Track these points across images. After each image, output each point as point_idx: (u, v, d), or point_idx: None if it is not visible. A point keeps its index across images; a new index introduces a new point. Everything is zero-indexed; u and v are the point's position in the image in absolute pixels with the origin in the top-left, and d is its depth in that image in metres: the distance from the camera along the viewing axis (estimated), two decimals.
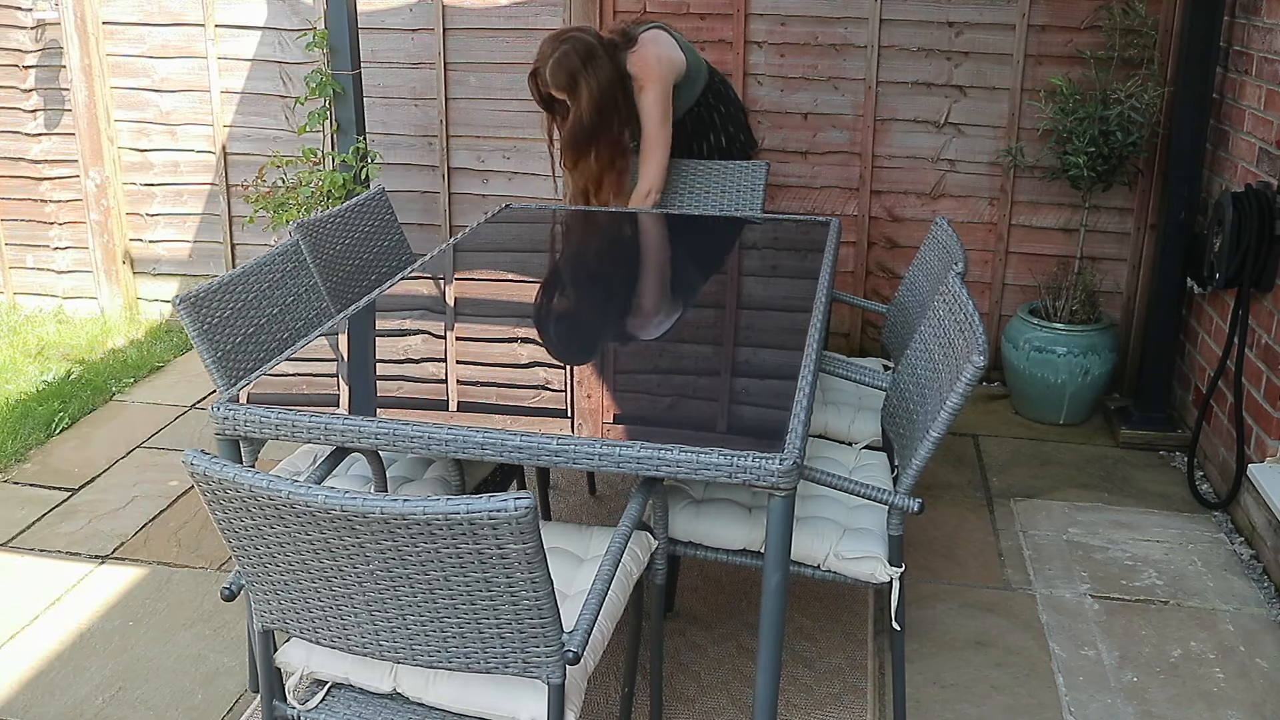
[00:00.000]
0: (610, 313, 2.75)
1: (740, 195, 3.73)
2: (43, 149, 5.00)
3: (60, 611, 2.89)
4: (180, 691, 2.57)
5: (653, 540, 2.20)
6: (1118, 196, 4.09)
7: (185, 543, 3.21)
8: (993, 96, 4.12)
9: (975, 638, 2.78)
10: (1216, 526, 3.31)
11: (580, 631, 1.69)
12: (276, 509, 1.58)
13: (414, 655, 1.70)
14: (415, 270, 2.94)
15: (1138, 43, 3.84)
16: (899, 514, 2.21)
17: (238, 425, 2.03)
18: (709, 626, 2.81)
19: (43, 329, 4.88)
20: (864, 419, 2.80)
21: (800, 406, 2.03)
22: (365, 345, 2.46)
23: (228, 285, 2.50)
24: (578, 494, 3.47)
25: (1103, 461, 3.76)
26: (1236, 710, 2.51)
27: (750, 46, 4.24)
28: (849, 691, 2.57)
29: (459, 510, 1.49)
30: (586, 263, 3.21)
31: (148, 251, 5.07)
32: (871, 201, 4.32)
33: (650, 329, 2.58)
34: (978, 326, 2.12)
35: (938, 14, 4.08)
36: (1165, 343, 3.86)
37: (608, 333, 2.60)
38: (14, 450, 3.75)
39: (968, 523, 3.34)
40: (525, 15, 4.41)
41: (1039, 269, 4.24)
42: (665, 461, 1.85)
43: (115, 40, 4.79)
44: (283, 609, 1.75)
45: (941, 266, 2.79)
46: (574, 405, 2.10)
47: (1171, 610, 2.90)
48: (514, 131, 4.56)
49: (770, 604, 1.94)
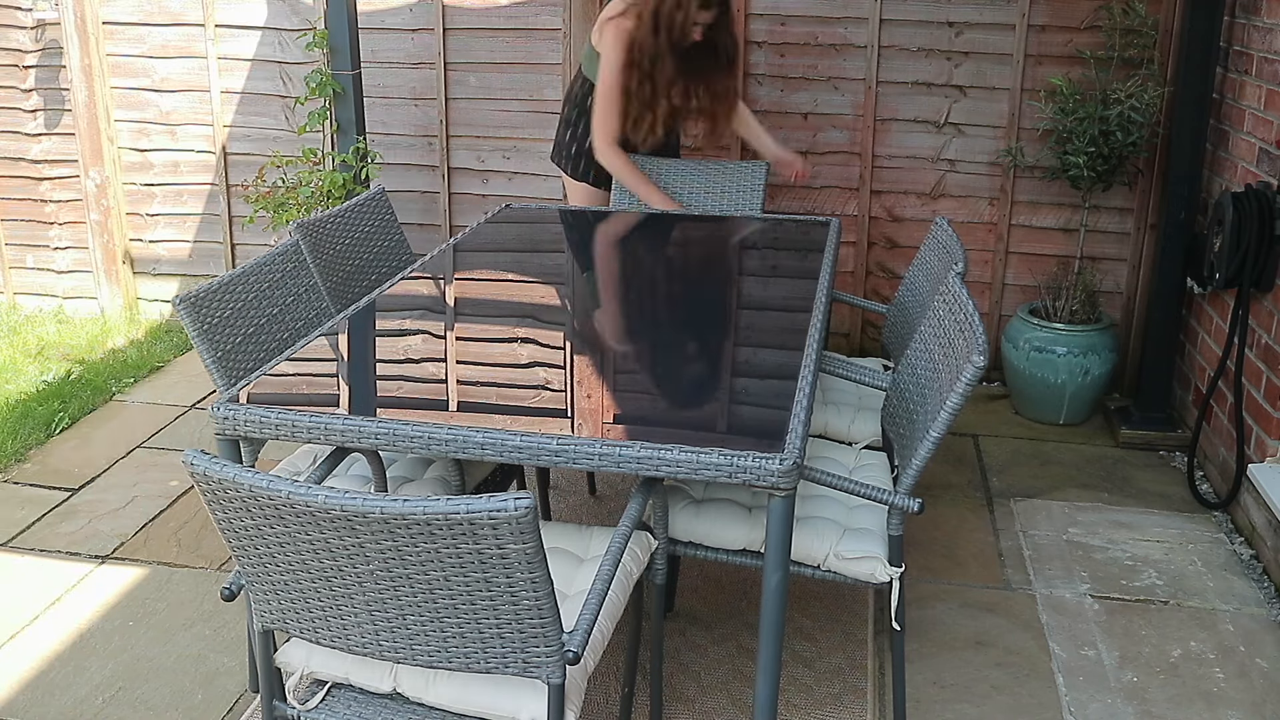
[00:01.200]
0: (610, 313, 2.74)
1: (740, 195, 3.73)
2: (43, 149, 5.00)
3: (60, 611, 2.89)
4: (180, 691, 2.57)
5: (653, 540, 2.20)
6: (1118, 196, 4.09)
7: (185, 543, 3.21)
8: (993, 96, 4.12)
9: (975, 638, 2.78)
10: (1216, 526, 3.31)
11: (580, 631, 1.69)
12: (276, 509, 1.58)
13: (414, 655, 1.70)
14: (415, 270, 2.94)
15: (1138, 43, 3.84)
16: (899, 514, 2.21)
17: (238, 425, 2.03)
18: (709, 626, 2.81)
19: (43, 329, 4.88)
20: (864, 419, 2.80)
21: (800, 406, 2.03)
22: (365, 345, 2.46)
23: (228, 285, 2.50)
24: (578, 494, 3.47)
25: (1103, 461, 3.76)
26: (1236, 710, 2.51)
27: (750, 46, 4.24)
28: (849, 691, 2.57)
29: (459, 510, 1.49)
30: (586, 263, 3.21)
31: (148, 251, 5.07)
32: (871, 201, 4.32)
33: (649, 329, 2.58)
34: (978, 326, 2.12)
35: (938, 14, 4.08)
36: (1165, 343, 3.86)
37: (608, 332, 2.60)
38: (14, 450, 3.75)
39: (968, 523, 3.34)
40: (525, 15, 4.41)
41: (1039, 269, 4.24)
42: (665, 461, 1.85)
43: (115, 40, 4.79)
44: (283, 609, 1.75)
45: (941, 266, 2.79)
46: (574, 405, 2.10)
47: (1171, 610, 2.90)
48: (514, 131, 4.56)
49: (770, 604, 1.94)
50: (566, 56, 4.39)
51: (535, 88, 4.48)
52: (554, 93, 4.46)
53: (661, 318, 2.64)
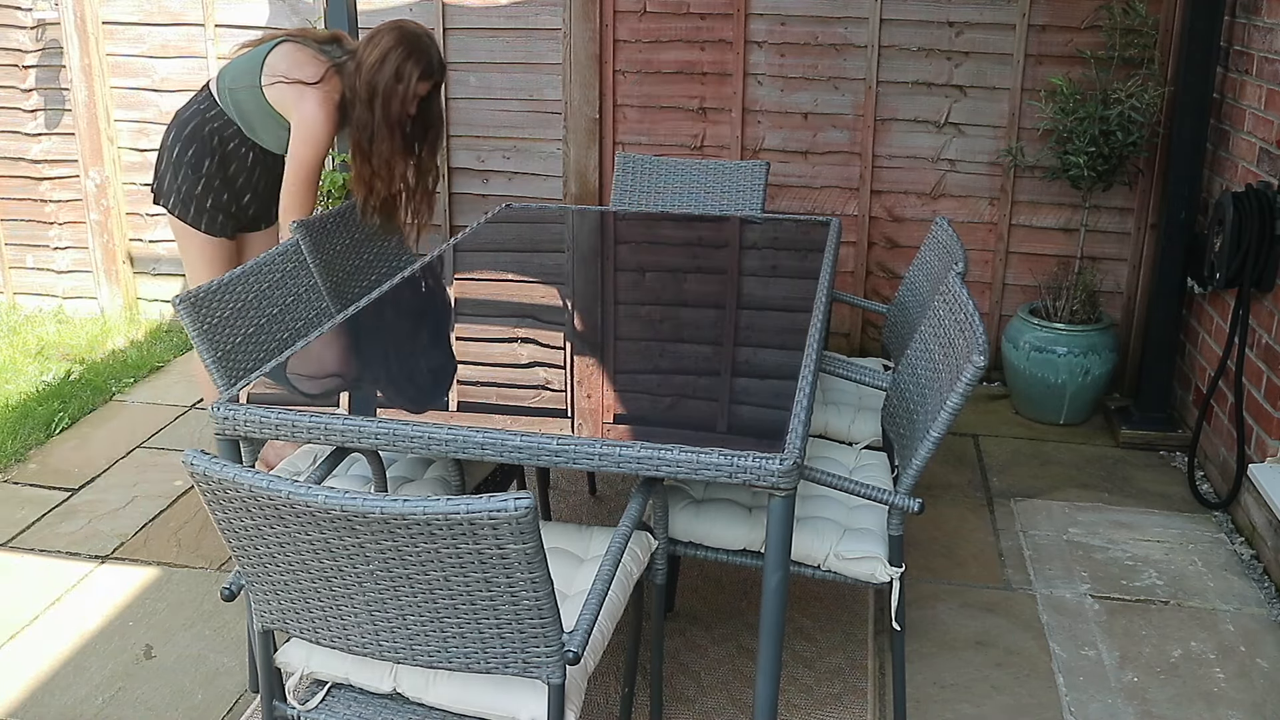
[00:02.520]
0: (610, 313, 2.74)
1: (740, 195, 3.73)
2: (43, 149, 4.99)
3: (60, 611, 2.88)
4: (180, 691, 2.57)
5: (653, 540, 2.20)
6: (1118, 196, 4.09)
7: (185, 543, 3.21)
8: (993, 96, 4.12)
9: (975, 638, 2.78)
10: (1217, 526, 3.31)
11: (580, 631, 1.69)
12: (276, 509, 1.58)
13: (414, 655, 1.70)
14: (415, 270, 2.94)
15: (1138, 42, 3.84)
16: (899, 514, 2.21)
17: (238, 425, 2.03)
18: (709, 626, 2.81)
19: (43, 329, 4.88)
20: (864, 419, 2.80)
21: (800, 406, 2.03)
22: (365, 345, 2.46)
23: (228, 285, 2.50)
24: (578, 494, 3.47)
25: (1103, 461, 3.76)
26: (1237, 710, 2.51)
27: (750, 46, 4.24)
28: (849, 691, 2.56)
29: (459, 510, 1.49)
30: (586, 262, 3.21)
31: (148, 251, 5.07)
32: (871, 201, 4.31)
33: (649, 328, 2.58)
34: (978, 326, 2.12)
35: (938, 14, 4.08)
36: (1165, 343, 3.86)
37: (608, 332, 2.60)
38: (14, 450, 3.75)
39: (968, 523, 3.34)
40: (525, 15, 4.41)
41: (1039, 269, 4.24)
42: (665, 461, 1.85)
43: (115, 40, 4.79)
44: (283, 609, 1.75)
45: (942, 266, 2.79)
46: (574, 405, 2.10)
47: (1172, 610, 2.89)
48: (514, 131, 4.56)
49: (770, 604, 1.94)
50: (567, 56, 4.39)
51: (535, 88, 4.48)
52: (554, 92, 4.46)
53: (662, 318, 2.64)
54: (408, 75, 2.96)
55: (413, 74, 2.97)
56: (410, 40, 2.99)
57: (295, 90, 3.01)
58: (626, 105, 4.41)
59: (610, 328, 2.62)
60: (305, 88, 3.00)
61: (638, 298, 2.82)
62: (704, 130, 4.37)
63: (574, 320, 2.65)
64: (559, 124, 4.50)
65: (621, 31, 4.33)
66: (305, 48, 3.08)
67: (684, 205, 3.74)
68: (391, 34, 2.99)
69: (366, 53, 2.98)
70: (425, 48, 3.01)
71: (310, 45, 3.09)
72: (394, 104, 2.97)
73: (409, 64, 2.97)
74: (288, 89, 3.01)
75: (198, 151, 3.10)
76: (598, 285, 2.94)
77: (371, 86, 2.95)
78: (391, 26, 3.01)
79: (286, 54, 3.05)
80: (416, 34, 3.03)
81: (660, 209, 3.74)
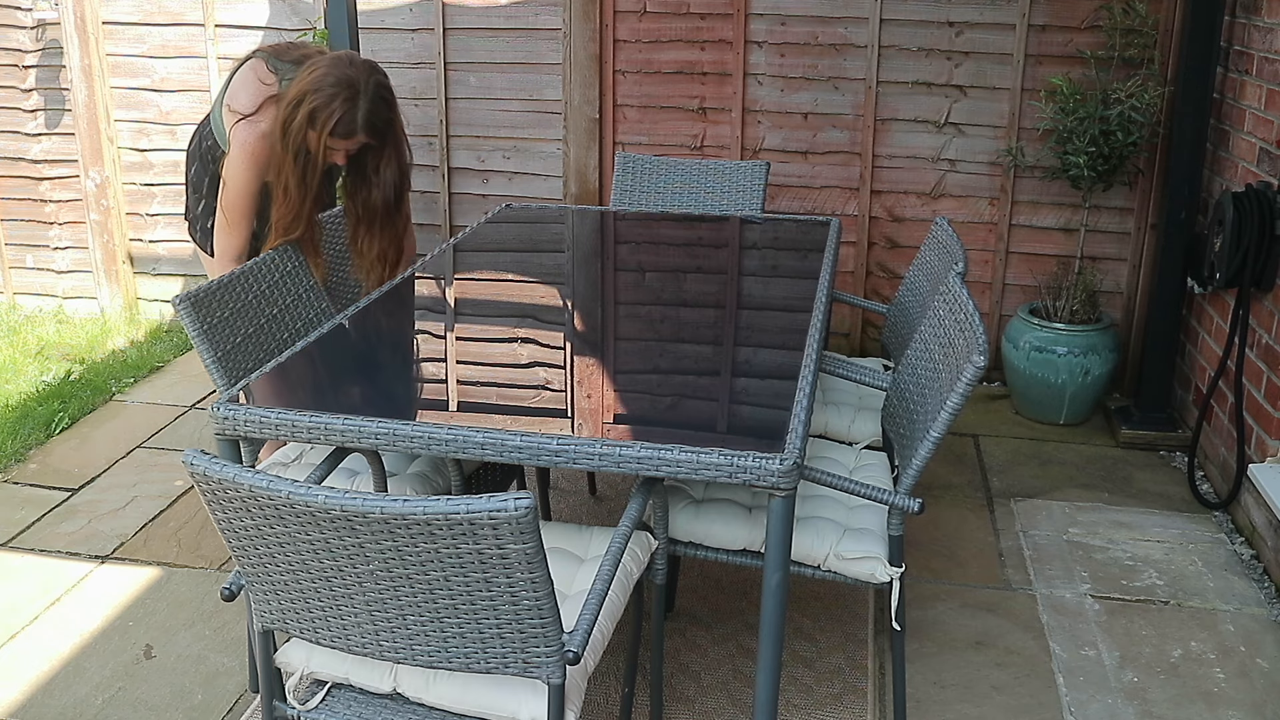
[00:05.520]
0: (610, 313, 2.74)
1: (740, 195, 3.73)
2: (43, 149, 4.99)
3: (60, 611, 2.88)
4: (180, 691, 2.57)
5: (653, 540, 2.20)
6: (1118, 196, 4.09)
7: (185, 543, 3.21)
8: (993, 96, 4.12)
9: (975, 638, 2.78)
10: (1217, 526, 3.31)
11: (580, 632, 1.69)
12: (276, 509, 1.58)
13: (414, 655, 1.70)
14: (415, 270, 2.94)
15: (1138, 42, 3.84)
16: (899, 514, 2.21)
17: (238, 425, 2.03)
18: (709, 626, 2.81)
19: (43, 329, 4.88)
20: (864, 419, 2.80)
21: (800, 406, 2.03)
22: (365, 345, 2.46)
23: (228, 285, 2.50)
24: (578, 494, 3.47)
25: (1103, 461, 3.76)
26: (1237, 710, 2.51)
27: (750, 46, 4.24)
28: (849, 691, 2.57)
29: (459, 510, 1.49)
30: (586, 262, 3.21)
31: (148, 251, 5.07)
32: (872, 201, 4.31)
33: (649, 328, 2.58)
34: (978, 326, 2.12)
35: (938, 14, 4.08)
36: (1165, 343, 3.86)
37: (608, 332, 2.60)
38: (14, 450, 3.75)
39: (968, 523, 3.34)
40: (525, 15, 4.41)
41: (1039, 269, 4.24)
42: (665, 461, 1.85)
43: (115, 40, 4.79)
44: (283, 609, 1.75)
45: (942, 266, 2.79)
46: (574, 405, 2.10)
47: (1172, 610, 2.89)
48: (514, 131, 4.56)
49: (770, 604, 1.94)
50: (567, 56, 4.39)
51: (535, 88, 4.48)
52: (554, 92, 4.46)
53: (662, 317, 2.64)
54: (320, 125, 2.61)
55: (325, 125, 2.60)
56: (336, 84, 2.61)
57: (230, 118, 2.83)
58: (626, 105, 4.41)
59: (610, 328, 2.62)
60: (238, 119, 2.79)
61: (638, 298, 2.82)
62: (704, 130, 4.37)
63: (574, 320, 2.65)
64: (559, 124, 4.50)
65: (621, 31, 4.33)
66: (262, 70, 2.85)
67: (684, 205, 3.74)
68: (321, 69, 2.64)
69: (294, 83, 2.66)
70: (350, 98, 2.62)
71: (275, 65, 2.85)
72: (301, 151, 2.65)
73: (324, 113, 2.60)
74: (229, 116, 2.84)
75: (198, 170, 3.05)
76: (598, 285, 2.94)
77: (285, 127, 2.64)
78: (331, 60, 2.68)
79: (242, 76, 2.87)
80: (349, 79, 2.63)
81: (660, 209, 3.74)
